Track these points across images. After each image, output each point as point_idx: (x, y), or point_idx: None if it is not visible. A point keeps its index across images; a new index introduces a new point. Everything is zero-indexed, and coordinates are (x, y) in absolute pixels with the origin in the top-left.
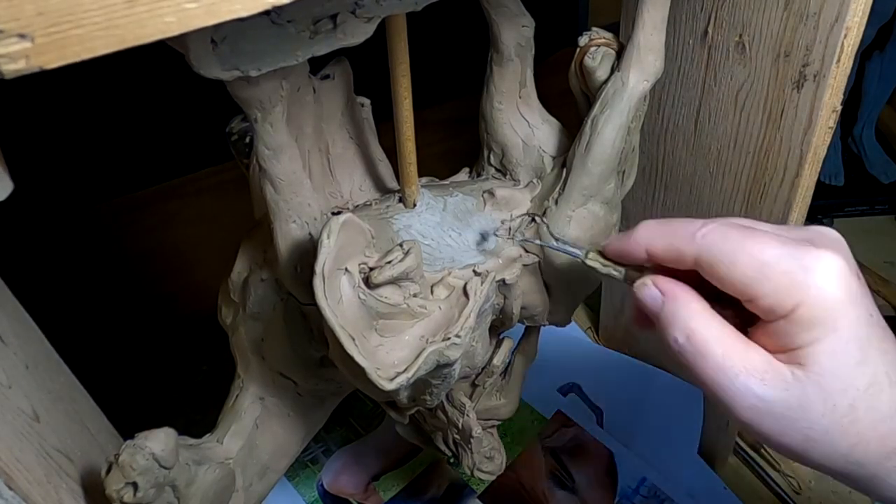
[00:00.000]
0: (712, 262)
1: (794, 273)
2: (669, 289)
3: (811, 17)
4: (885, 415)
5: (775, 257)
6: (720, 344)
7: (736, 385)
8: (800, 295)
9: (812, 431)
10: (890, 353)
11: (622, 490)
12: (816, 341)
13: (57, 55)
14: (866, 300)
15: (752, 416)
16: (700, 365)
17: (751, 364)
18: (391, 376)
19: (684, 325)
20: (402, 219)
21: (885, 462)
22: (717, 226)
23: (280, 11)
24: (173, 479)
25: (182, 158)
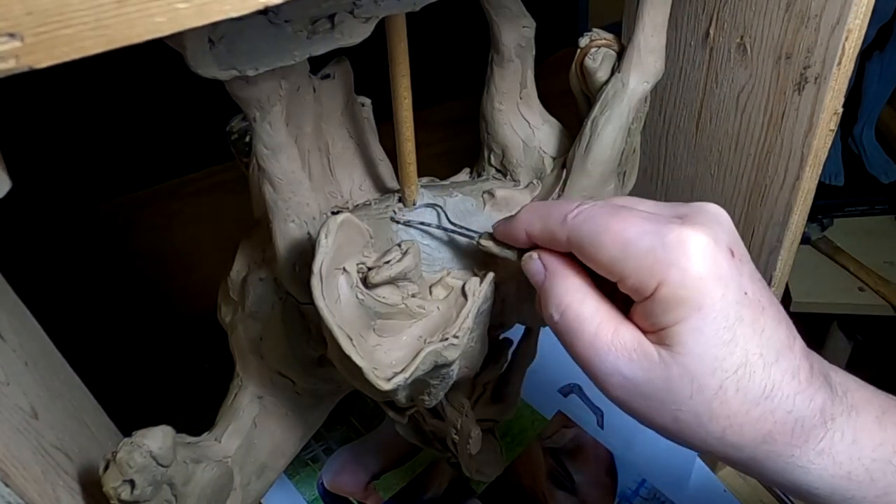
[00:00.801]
0: (580, 243)
1: (655, 251)
2: (551, 263)
3: (812, 19)
4: (757, 397)
5: (637, 235)
6: (592, 321)
7: (605, 363)
8: (661, 274)
9: (681, 413)
10: (768, 331)
11: (622, 491)
12: (681, 321)
13: (46, 55)
14: (740, 277)
15: (622, 394)
16: (572, 341)
17: (620, 343)
18: (389, 376)
19: (559, 301)
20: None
21: (762, 446)
22: (588, 207)
23: (277, 11)
24: (171, 477)
25: (182, 158)
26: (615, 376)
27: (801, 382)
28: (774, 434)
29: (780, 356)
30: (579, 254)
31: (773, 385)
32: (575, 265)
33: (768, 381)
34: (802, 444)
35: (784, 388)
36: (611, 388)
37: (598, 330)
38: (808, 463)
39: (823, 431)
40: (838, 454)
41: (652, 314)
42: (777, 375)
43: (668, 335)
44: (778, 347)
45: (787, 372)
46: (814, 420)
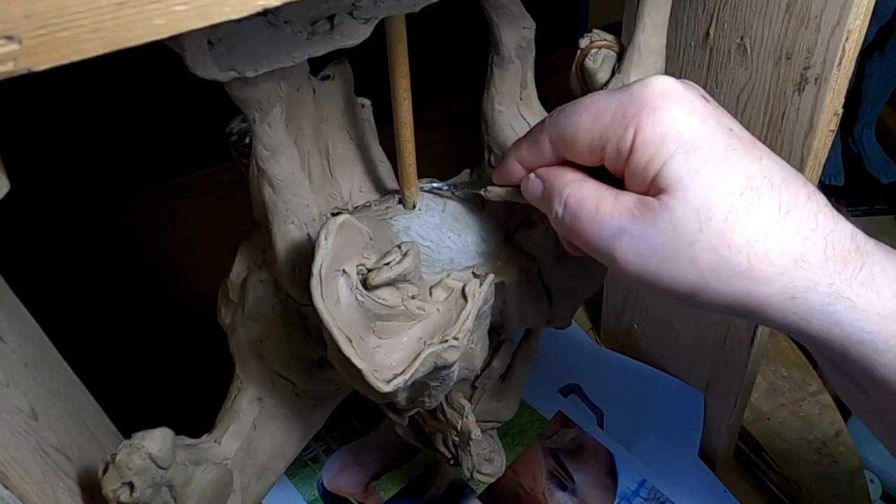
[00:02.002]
0: (561, 134)
1: (623, 104)
2: (545, 172)
3: (812, 19)
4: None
5: (605, 99)
6: (592, 199)
7: (612, 229)
8: (634, 120)
9: (698, 252)
10: (766, 159)
11: (622, 491)
12: (668, 159)
13: (45, 57)
14: (720, 116)
15: (635, 257)
16: (578, 226)
17: (622, 205)
18: (388, 378)
19: (560, 194)
20: (401, 220)
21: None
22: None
23: (276, 13)
24: (170, 479)
25: (182, 158)
26: (624, 237)
27: (819, 204)
28: (805, 255)
29: (787, 179)
30: (564, 150)
31: (788, 204)
32: (568, 164)
33: (781, 201)
34: (841, 270)
35: (801, 208)
36: (622, 254)
37: (598, 203)
38: (853, 294)
39: (861, 260)
40: (882, 289)
41: (639, 167)
42: (789, 196)
43: (661, 178)
44: (782, 173)
45: (800, 193)
46: (845, 243)
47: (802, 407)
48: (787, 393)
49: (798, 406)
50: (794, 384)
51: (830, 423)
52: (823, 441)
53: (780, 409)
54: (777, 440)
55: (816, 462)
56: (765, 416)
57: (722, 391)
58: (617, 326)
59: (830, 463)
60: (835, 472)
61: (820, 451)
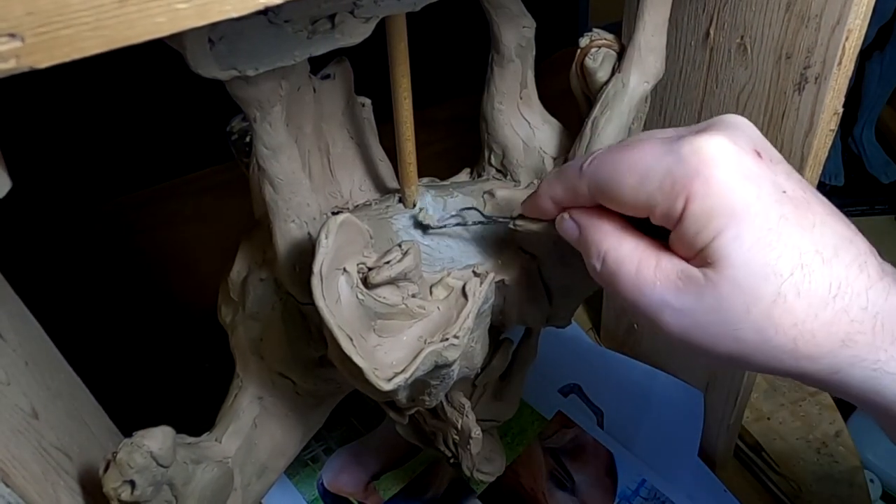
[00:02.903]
0: (601, 187)
1: (673, 168)
2: (581, 217)
3: (812, 19)
4: (824, 297)
5: (653, 159)
6: (633, 259)
7: (653, 299)
8: (685, 189)
9: (742, 332)
10: (819, 226)
11: (622, 491)
12: (719, 234)
13: (47, 55)
14: (774, 177)
15: (677, 329)
16: (618, 285)
17: (664, 274)
18: (389, 377)
19: (598, 248)
20: (401, 219)
21: (841, 351)
22: (602, 151)
23: (277, 11)
24: (171, 477)
25: (182, 158)
26: (665, 310)
27: (871, 277)
28: (853, 335)
29: (839, 250)
30: (603, 200)
31: (839, 282)
32: (606, 212)
33: (832, 279)
34: (888, 346)
35: (853, 284)
36: (665, 325)
37: (639, 267)
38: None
39: None
40: None
41: (688, 236)
42: (840, 271)
43: (709, 253)
44: (835, 242)
45: (853, 266)
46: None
47: (802, 407)
48: (787, 393)
49: (798, 406)
50: (794, 384)
51: (830, 423)
52: (823, 441)
53: (780, 409)
54: (777, 440)
55: (816, 462)
56: (765, 416)
57: (722, 391)
58: (617, 326)
59: (830, 463)
60: (835, 472)
61: (820, 451)
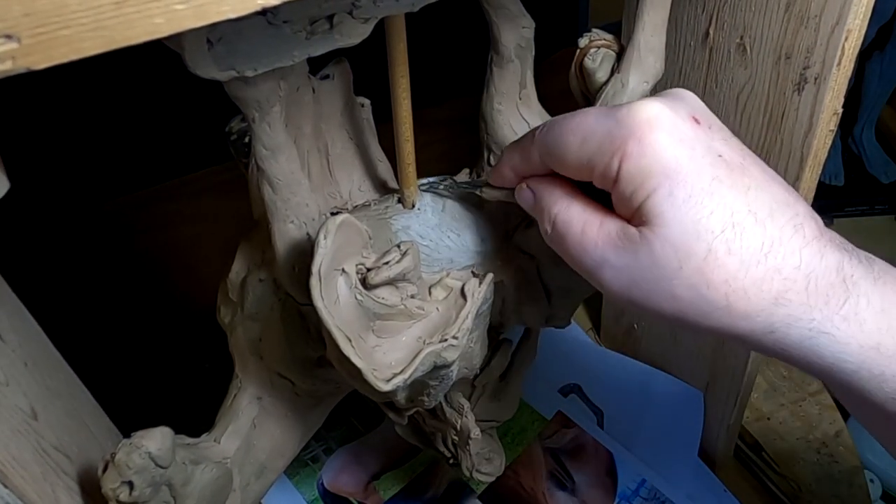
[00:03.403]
0: (549, 150)
1: (611, 130)
2: (535, 185)
3: (812, 19)
4: (755, 254)
5: (595, 122)
6: (578, 222)
7: (595, 257)
8: (619, 149)
9: (676, 289)
10: (755, 190)
11: (622, 491)
12: (652, 192)
13: (44, 56)
14: (710, 141)
15: (617, 286)
16: (565, 245)
17: (605, 233)
18: (388, 377)
19: (548, 212)
20: (400, 219)
21: (775, 310)
22: (552, 120)
23: (275, 12)
24: (170, 478)
25: (182, 158)
26: (605, 268)
27: (806, 237)
28: (786, 293)
29: (774, 212)
30: (552, 164)
31: (772, 240)
32: (559, 179)
33: (765, 237)
34: (822, 306)
35: (786, 243)
36: (605, 282)
37: (584, 228)
38: (833, 328)
39: (845, 294)
40: (866, 322)
41: (624, 196)
42: (774, 231)
43: (644, 212)
44: (770, 204)
45: (787, 226)
46: (830, 278)
47: (802, 407)
48: (787, 393)
49: (798, 406)
50: (794, 384)
51: (830, 423)
52: (823, 441)
53: (780, 409)
54: (777, 440)
55: (816, 462)
56: (765, 416)
57: (722, 391)
58: (617, 326)
59: (830, 463)
60: (835, 472)
61: (820, 451)
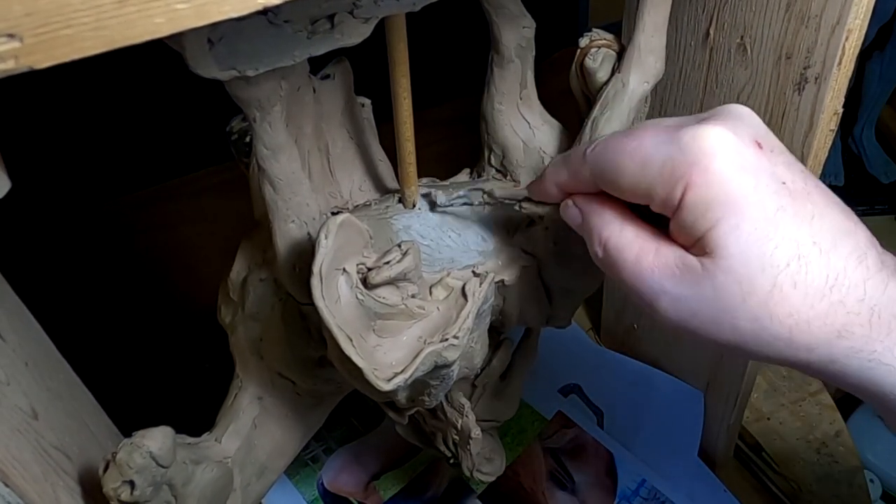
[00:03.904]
0: (602, 173)
1: (673, 157)
2: (584, 204)
3: (812, 19)
4: (820, 288)
5: (653, 147)
6: (633, 247)
7: (651, 286)
8: (683, 178)
9: (738, 321)
10: (818, 218)
11: (622, 491)
12: (717, 224)
13: (46, 55)
14: (773, 168)
15: (675, 316)
16: (618, 271)
17: (662, 262)
18: (389, 377)
19: (599, 235)
20: (401, 219)
21: (837, 342)
22: (605, 138)
23: (276, 12)
24: (171, 477)
25: (182, 158)
26: (663, 297)
27: (870, 269)
28: (850, 326)
29: (837, 242)
30: (605, 186)
31: (837, 273)
32: (609, 199)
33: (829, 270)
34: (884, 338)
35: (850, 275)
36: (662, 311)
37: (639, 254)
38: (894, 359)
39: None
40: None
41: (686, 224)
42: (838, 263)
43: (707, 242)
44: (833, 233)
45: (851, 257)
46: (892, 309)
47: (802, 407)
48: (787, 393)
49: (798, 406)
50: (794, 384)
51: (830, 423)
52: (823, 441)
53: (780, 409)
54: (777, 440)
55: (816, 462)
56: (765, 416)
57: (722, 391)
58: (617, 326)
59: (830, 463)
60: (835, 472)
61: (820, 451)
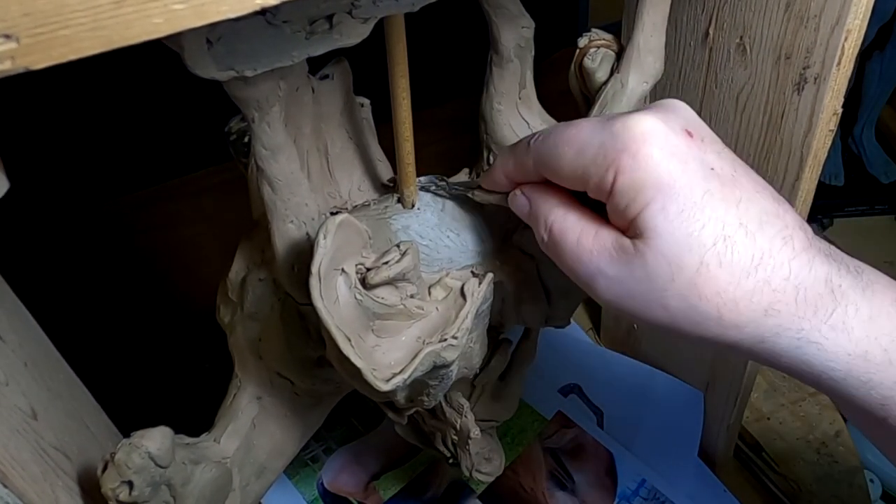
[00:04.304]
0: (544, 161)
1: (605, 144)
2: (530, 192)
3: (812, 19)
4: (746, 266)
5: (589, 134)
6: (574, 231)
7: (590, 267)
8: (614, 163)
9: (669, 299)
10: (745, 202)
11: (622, 491)
12: (646, 206)
13: (43, 56)
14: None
15: (610, 295)
16: (560, 255)
17: (600, 244)
18: (387, 377)
19: (544, 220)
20: (400, 219)
21: (765, 320)
22: (548, 129)
23: (275, 12)
24: (169, 477)
25: (182, 158)
26: (599, 278)
27: (795, 249)
28: (776, 304)
29: (763, 224)
30: (547, 173)
31: (762, 253)
32: (553, 187)
33: (755, 250)
34: (811, 317)
35: (776, 255)
36: (599, 291)
37: (580, 237)
38: (821, 338)
39: (833, 304)
40: (853, 330)
41: (618, 208)
42: (764, 243)
43: (638, 224)
44: (760, 216)
45: (777, 238)
46: (818, 288)
47: (802, 407)
48: (787, 393)
49: (798, 406)
50: (794, 384)
51: (830, 423)
52: (823, 441)
53: (780, 409)
54: (777, 440)
55: (816, 462)
56: (765, 416)
57: (722, 391)
58: (617, 326)
59: (830, 463)
60: (835, 472)
61: (820, 451)
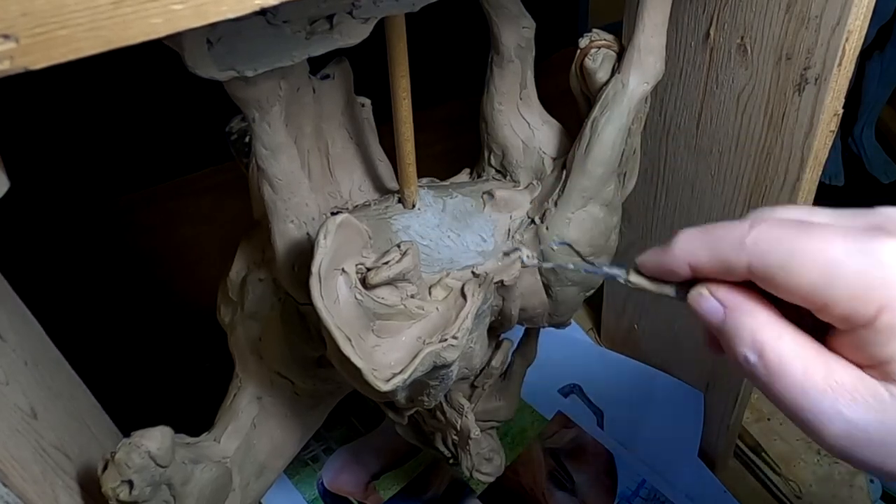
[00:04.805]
0: (769, 271)
1: (868, 272)
2: (730, 298)
3: (812, 20)
4: None
5: (843, 254)
6: (798, 360)
7: (823, 408)
8: (881, 297)
9: None
10: None
11: (622, 492)
12: None
13: (42, 56)
14: None
15: (846, 443)
16: (777, 386)
17: (837, 383)
18: (387, 377)
19: (752, 340)
20: (401, 219)
21: None
22: (768, 226)
23: (275, 12)
24: (169, 477)
25: (182, 158)
26: (836, 422)
27: None
28: None
29: None
30: (765, 283)
31: None
32: (758, 296)
33: None
34: None
35: None
36: (831, 437)
37: (806, 370)
38: None
39: None
40: None
41: (871, 345)
42: None
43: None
44: None
45: None
46: None
47: None
48: None
49: None
50: None
51: None
52: None
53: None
54: (777, 441)
55: (816, 463)
56: (765, 417)
57: (722, 391)
58: (617, 326)
59: (830, 464)
60: (835, 473)
61: (820, 452)
